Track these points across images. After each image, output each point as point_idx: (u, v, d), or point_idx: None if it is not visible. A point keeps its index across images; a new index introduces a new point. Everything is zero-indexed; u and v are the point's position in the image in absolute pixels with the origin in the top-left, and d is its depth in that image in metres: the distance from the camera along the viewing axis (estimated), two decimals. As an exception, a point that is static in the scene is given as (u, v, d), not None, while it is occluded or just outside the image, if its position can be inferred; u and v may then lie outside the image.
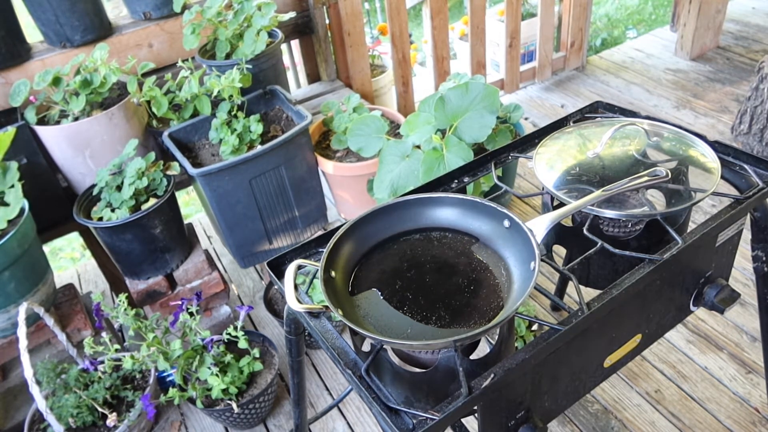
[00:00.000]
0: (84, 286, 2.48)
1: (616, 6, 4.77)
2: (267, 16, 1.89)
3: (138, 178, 1.66)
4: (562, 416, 1.70)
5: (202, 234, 2.64)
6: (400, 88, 2.73)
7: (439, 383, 0.86)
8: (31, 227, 1.53)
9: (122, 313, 1.55)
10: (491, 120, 1.73)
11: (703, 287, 1.12)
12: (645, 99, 3.11)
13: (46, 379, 1.59)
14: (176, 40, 2.06)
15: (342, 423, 1.78)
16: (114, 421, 1.59)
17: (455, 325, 0.84)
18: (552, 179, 1.09)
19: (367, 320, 0.86)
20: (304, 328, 1.15)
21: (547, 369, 0.90)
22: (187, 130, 1.86)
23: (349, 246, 0.96)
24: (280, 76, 2.05)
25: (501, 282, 0.90)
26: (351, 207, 2.19)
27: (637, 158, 1.12)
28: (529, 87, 3.34)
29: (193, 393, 1.61)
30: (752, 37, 3.46)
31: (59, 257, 3.16)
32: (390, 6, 2.49)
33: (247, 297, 2.30)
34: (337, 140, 2.09)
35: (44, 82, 1.67)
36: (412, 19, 5.06)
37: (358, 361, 0.87)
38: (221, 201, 1.73)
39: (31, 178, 1.64)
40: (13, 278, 1.47)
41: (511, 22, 2.93)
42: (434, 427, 0.75)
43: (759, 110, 2.46)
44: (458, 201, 0.98)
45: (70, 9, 1.83)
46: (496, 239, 0.95)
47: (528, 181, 2.63)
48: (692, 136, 1.15)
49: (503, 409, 0.88)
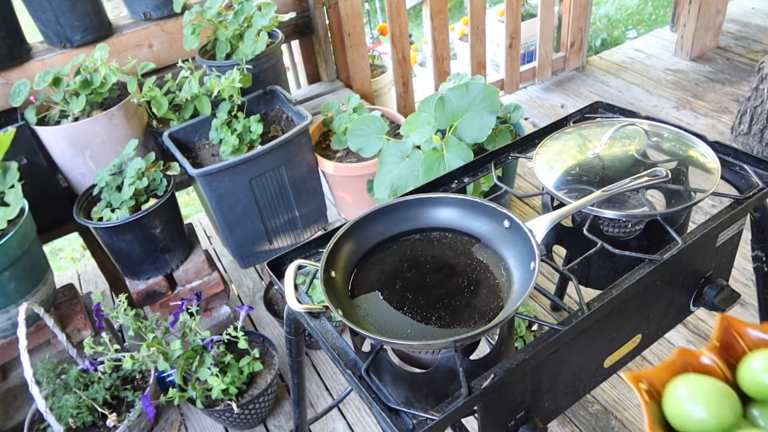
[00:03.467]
0: (84, 286, 2.48)
1: (616, 6, 4.77)
2: (267, 17, 1.89)
3: (138, 178, 1.66)
4: (562, 416, 1.70)
5: (202, 234, 2.64)
6: (400, 89, 2.73)
7: (439, 383, 0.86)
8: (31, 227, 1.53)
9: (122, 313, 1.55)
10: (491, 120, 1.73)
11: (703, 287, 1.12)
12: (645, 99, 3.11)
13: (46, 380, 1.59)
14: (176, 41, 2.06)
15: (342, 423, 1.78)
16: (114, 421, 1.59)
17: (455, 326, 0.84)
18: (552, 179, 1.09)
19: (367, 320, 0.86)
20: (304, 328, 1.15)
21: (547, 369, 0.90)
22: (187, 130, 1.86)
23: (349, 246, 0.96)
24: (280, 76, 2.05)
25: (501, 282, 0.90)
26: (351, 207, 2.19)
27: (637, 158, 1.12)
28: (529, 87, 3.34)
29: (193, 393, 1.61)
30: (752, 38, 3.46)
31: (59, 257, 3.16)
32: (390, 6, 2.49)
33: (247, 297, 2.30)
34: (337, 140, 2.09)
35: (44, 83, 1.67)
36: (412, 19, 5.06)
37: (358, 361, 0.87)
38: (221, 201, 1.73)
39: (31, 178, 1.64)
40: (13, 278, 1.47)
41: (511, 23, 2.93)
42: (434, 428, 0.75)
43: (759, 110, 2.46)
44: (458, 201, 0.98)
45: (70, 9, 1.83)
46: (496, 239, 0.95)
47: (528, 182, 2.63)
48: (692, 136, 1.15)
49: (503, 410, 0.88)
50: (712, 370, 0.62)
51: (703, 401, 0.57)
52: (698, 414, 0.57)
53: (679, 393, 0.59)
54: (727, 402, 0.57)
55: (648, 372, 0.61)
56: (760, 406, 0.60)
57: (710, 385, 0.58)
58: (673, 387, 0.60)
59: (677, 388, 0.59)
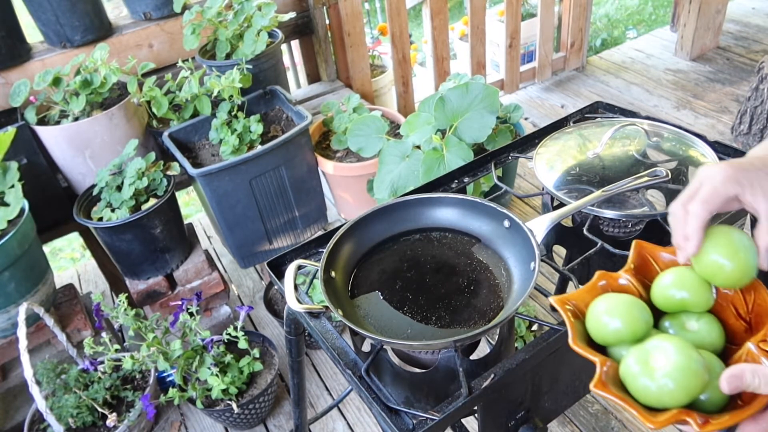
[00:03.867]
0: (84, 286, 2.49)
1: (616, 6, 4.77)
2: (267, 17, 1.89)
3: (138, 178, 1.66)
4: (562, 416, 1.70)
5: (202, 234, 2.64)
6: (400, 89, 2.73)
7: (439, 383, 0.86)
8: (31, 227, 1.53)
9: (122, 313, 1.55)
10: (491, 120, 1.73)
11: (703, 287, 1.11)
12: (645, 99, 3.11)
13: (46, 380, 1.59)
14: (176, 41, 2.06)
15: (342, 423, 1.78)
16: (114, 421, 1.59)
17: (455, 326, 0.84)
18: (552, 179, 1.09)
19: (367, 320, 0.86)
20: (304, 328, 1.15)
21: (547, 369, 0.90)
22: (187, 130, 1.86)
23: (349, 246, 0.96)
24: (280, 76, 2.05)
25: (501, 282, 0.90)
26: (351, 207, 2.19)
27: (637, 158, 1.12)
28: (529, 87, 3.34)
29: (193, 393, 1.61)
30: (752, 38, 3.46)
31: (59, 257, 3.16)
32: (390, 6, 2.49)
33: (247, 297, 2.30)
34: (337, 140, 2.09)
35: (44, 83, 1.67)
36: (412, 19, 5.06)
37: (358, 361, 0.87)
38: (221, 201, 1.73)
39: (31, 178, 1.64)
40: (13, 278, 1.47)
41: (511, 23, 2.93)
42: (434, 428, 0.75)
43: (759, 110, 2.46)
44: (458, 201, 0.98)
45: (70, 9, 1.82)
46: (496, 239, 0.95)
47: (528, 181, 2.63)
48: (692, 136, 1.15)
49: (503, 410, 0.88)
50: (628, 289, 0.69)
51: (618, 314, 0.63)
52: (614, 325, 0.63)
53: (597, 308, 0.65)
54: (639, 314, 0.63)
55: (572, 295, 0.67)
56: (670, 318, 0.67)
57: (624, 300, 0.65)
58: (592, 304, 0.66)
59: (596, 304, 0.66)
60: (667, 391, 0.55)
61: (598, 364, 0.60)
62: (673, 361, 0.56)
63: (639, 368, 0.58)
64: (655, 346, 0.58)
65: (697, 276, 0.66)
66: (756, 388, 0.54)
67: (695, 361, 0.56)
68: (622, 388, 0.59)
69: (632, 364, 0.59)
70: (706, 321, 0.65)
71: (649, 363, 0.57)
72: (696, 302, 0.65)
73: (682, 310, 0.67)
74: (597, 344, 0.65)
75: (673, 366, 0.56)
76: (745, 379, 0.54)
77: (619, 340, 0.63)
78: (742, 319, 0.65)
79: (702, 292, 0.65)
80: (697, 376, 0.55)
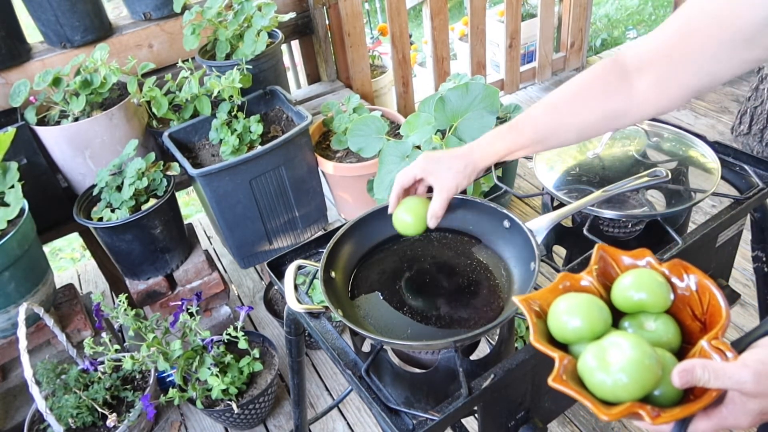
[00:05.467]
0: (84, 286, 2.49)
1: (616, 6, 4.77)
2: (267, 17, 1.89)
3: (138, 178, 1.66)
4: (562, 416, 1.70)
5: (202, 234, 2.64)
6: (400, 89, 2.73)
7: (439, 383, 0.86)
8: (31, 228, 1.53)
9: (122, 313, 1.55)
10: (491, 120, 1.72)
11: (703, 287, 1.11)
12: (645, 99, 3.10)
13: (46, 380, 1.59)
14: (176, 41, 2.06)
15: (342, 423, 1.78)
16: (114, 421, 1.59)
17: (455, 326, 0.84)
18: (552, 180, 1.09)
19: (367, 320, 0.86)
20: (304, 328, 1.15)
21: (547, 369, 0.90)
22: (187, 130, 1.86)
23: (349, 246, 0.96)
24: (280, 76, 2.05)
25: (501, 282, 0.90)
26: (351, 207, 2.19)
27: (637, 158, 1.12)
28: (529, 87, 3.34)
29: (193, 393, 1.61)
30: (752, 38, 3.46)
31: (59, 257, 3.16)
32: (390, 6, 2.49)
33: (247, 297, 2.30)
34: (337, 140, 2.09)
35: (44, 83, 1.67)
36: (412, 19, 5.06)
37: (358, 361, 0.87)
38: (221, 201, 1.73)
39: (31, 178, 1.64)
40: (13, 279, 1.47)
41: (511, 23, 2.93)
42: (434, 428, 0.75)
43: (759, 110, 2.46)
44: (458, 201, 0.98)
45: (70, 9, 1.82)
46: (496, 239, 0.95)
47: (528, 182, 2.63)
48: (692, 136, 1.15)
49: (503, 410, 0.88)
50: (589, 290, 0.70)
51: (578, 313, 0.65)
52: (573, 323, 0.64)
53: (559, 308, 0.66)
54: (599, 313, 0.65)
55: (535, 294, 0.68)
56: (630, 318, 0.69)
57: (585, 299, 0.66)
58: (554, 304, 0.68)
59: (557, 304, 0.67)
60: (621, 384, 0.57)
61: (556, 360, 0.61)
62: (628, 356, 0.58)
63: (596, 363, 0.60)
64: (611, 342, 0.60)
65: (655, 278, 0.68)
66: (706, 382, 0.56)
67: (649, 356, 0.58)
68: (580, 383, 0.61)
69: (589, 359, 0.61)
70: (664, 321, 0.67)
71: (605, 358, 0.59)
72: (654, 303, 0.67)
73: (641, 311, 0.68)
74: (559, 342, 0.67)
75: (627, 361, 0.58)
76: (696, 374, 0.56)
77: (579, 338, 0.65)
78: (698, 320, 0.67)
79: (660, 294, 0.67)
80: (650, 370, 0.57)
